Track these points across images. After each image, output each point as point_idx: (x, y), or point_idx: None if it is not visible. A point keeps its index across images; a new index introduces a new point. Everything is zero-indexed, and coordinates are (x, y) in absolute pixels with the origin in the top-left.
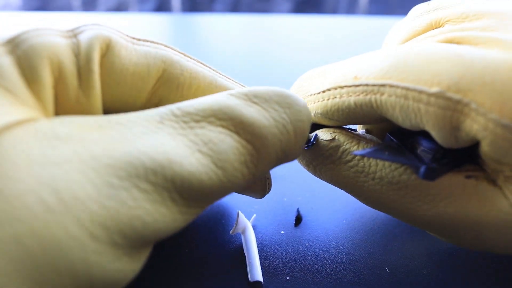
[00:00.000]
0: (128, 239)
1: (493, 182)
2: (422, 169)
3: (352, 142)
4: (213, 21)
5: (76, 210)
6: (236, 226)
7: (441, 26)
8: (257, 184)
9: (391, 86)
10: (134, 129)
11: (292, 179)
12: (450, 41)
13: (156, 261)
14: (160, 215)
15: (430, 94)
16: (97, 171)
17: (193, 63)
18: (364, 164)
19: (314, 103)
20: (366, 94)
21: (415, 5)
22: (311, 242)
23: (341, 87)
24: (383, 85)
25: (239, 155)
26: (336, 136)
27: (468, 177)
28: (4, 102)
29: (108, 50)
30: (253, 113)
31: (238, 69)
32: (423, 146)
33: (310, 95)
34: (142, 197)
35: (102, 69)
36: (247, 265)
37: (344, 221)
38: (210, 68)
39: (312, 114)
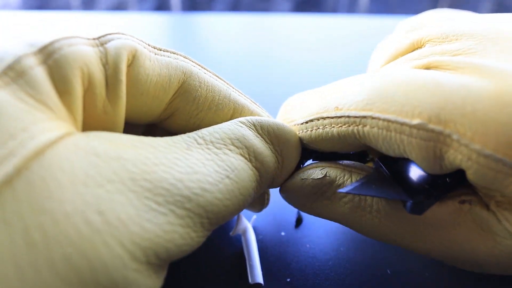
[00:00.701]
0: (160, 260)
1: (486, 206)
2: (409, 204)
3: (344, 175)
4: (213, 20)
5: (119, 231)
6: (236, 228)
7: (422, 45)
8: (256, 200)
9: (372, 118)
10: (168, 154)
11: None
12: (429, 67)
13: None
14: (190, 239)
15: (412, 126)
16: (136, 194)
17: (209, 76)
18: (360, 198)
19: (299, 132)
20: (349, 126)
21: (416, 5)
22: (312, 244)
23: (323, 118)
24: (364, 117)
25: (252, 182)
26: (327, 173)
27: (462, 202)
28: (43, 117)
29: (133, 60)
30: (260, 143)
31: (238, 69)
32: (411, 177)
33: (295, 124)
34: (177, 222)
35: (127, 80)
36: (247, 267)
37: None
38: (224, 81)
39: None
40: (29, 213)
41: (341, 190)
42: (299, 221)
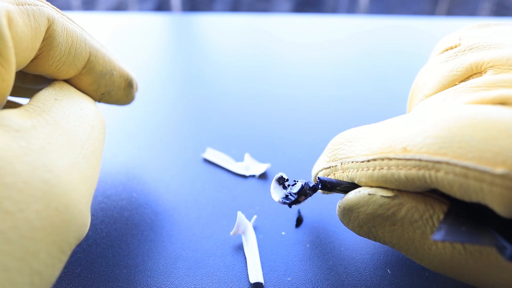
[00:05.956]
0: None
1: None
2: (510, 251)
3: (417, 199)
4: (213, 20)
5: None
6: (236, 227)
7: (482, 71)
8: (123, 97)
9: (448, 163)
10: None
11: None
12: (500, 102)
13: (156, 263)
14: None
15: (495, 176)
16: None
17: (66, 20)
18: (434, 224)
19: (358, 170)
20: (419, 169)
21: (416, 5)
22: (312, 243)
23: (389, 159)
24: (438, 162)
25: None
26: (397, 195)
27: None
28: None
29: (9, 21)
30: None
31: (238, 69)
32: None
33: (352, 162)
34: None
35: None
36: (248, 266)
37: None
38: (77, 25)
39: (356, 181)
40: None
41: (435, 237)
42: (299, 221)
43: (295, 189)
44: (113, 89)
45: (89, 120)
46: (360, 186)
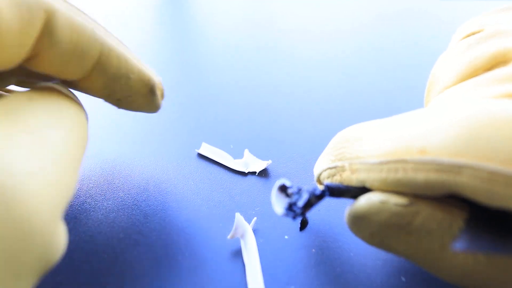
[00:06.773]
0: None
1: None
2: None
3: (434, 205)
4: (209, 0)
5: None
6: (234, 230)
7: (507, 60)
8: (145, 105)
9: (471, 167)
10: None
11: (296, 180)
12: None
13: (146, 270)
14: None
15: None
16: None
17: (71, 11)
18: (453, 232)
19: (369, 173)
20: (439, 173)
21: None
22: (318, 248)
23: (405, 162)
24: (461, 166)
25: None
26: (412, 202)
27: None
28: None
29: None
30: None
31: (237, 57)
32: None
33: (363, 163)
34: None
35: None
36: (247, 273)
37: None
38: (86, 15)
39: (367, 184)
40: None
41: (456, 247)
42: (304, 224)
43: (301, 201)
44: (131, 95)
45: (66, 123)
46: (370, 190)
